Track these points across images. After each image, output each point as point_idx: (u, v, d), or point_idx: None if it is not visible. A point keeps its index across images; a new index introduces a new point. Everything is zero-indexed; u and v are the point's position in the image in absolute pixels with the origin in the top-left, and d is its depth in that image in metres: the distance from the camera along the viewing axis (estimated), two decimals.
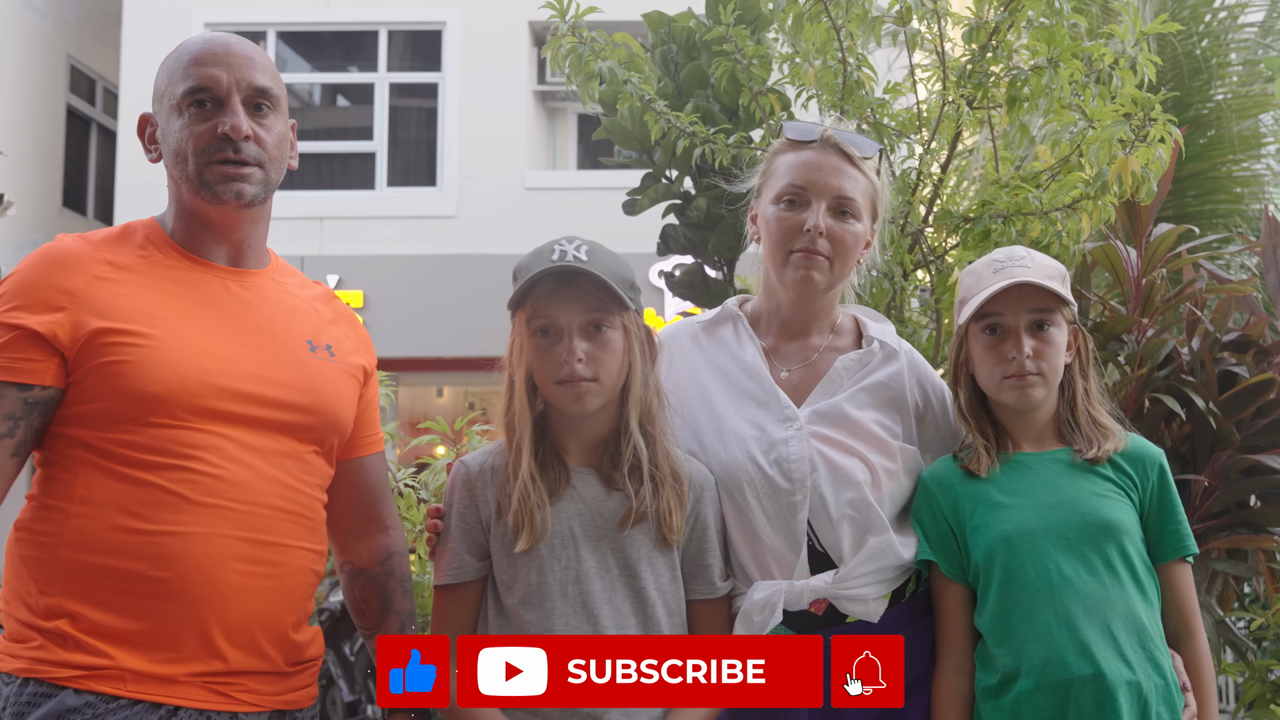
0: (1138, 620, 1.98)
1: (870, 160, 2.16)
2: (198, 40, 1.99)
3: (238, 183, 1.93)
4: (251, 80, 1.95)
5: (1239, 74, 6.73)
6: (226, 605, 1.84)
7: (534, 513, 1.93)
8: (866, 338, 2.21)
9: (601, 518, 1.96)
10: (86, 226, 12.59)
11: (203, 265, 1.97)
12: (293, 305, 2.05)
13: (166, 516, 1.81)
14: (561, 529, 1.95)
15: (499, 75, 11.66)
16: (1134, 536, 2.03)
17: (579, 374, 1.93)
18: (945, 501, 2.10)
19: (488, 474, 2.01)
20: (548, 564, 1.94)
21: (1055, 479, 2.06)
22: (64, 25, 12.65)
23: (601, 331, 1.95)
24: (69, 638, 1.78)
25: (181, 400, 1.83)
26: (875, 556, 2.04)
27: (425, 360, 10.61)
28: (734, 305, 2.27)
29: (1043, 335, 2.07)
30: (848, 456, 2.07)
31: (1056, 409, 2.13)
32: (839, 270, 2.14)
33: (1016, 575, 2.01)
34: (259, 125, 1.96)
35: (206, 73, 1.93)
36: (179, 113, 1.94)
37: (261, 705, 1.90)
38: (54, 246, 1.90)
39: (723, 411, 2.13)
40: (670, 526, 1.96)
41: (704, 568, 2.02)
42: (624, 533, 1.95)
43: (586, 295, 1.94)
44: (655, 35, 4.76)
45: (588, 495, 1.98)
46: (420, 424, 4.17)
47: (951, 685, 2.07)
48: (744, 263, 5.02)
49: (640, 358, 2.00)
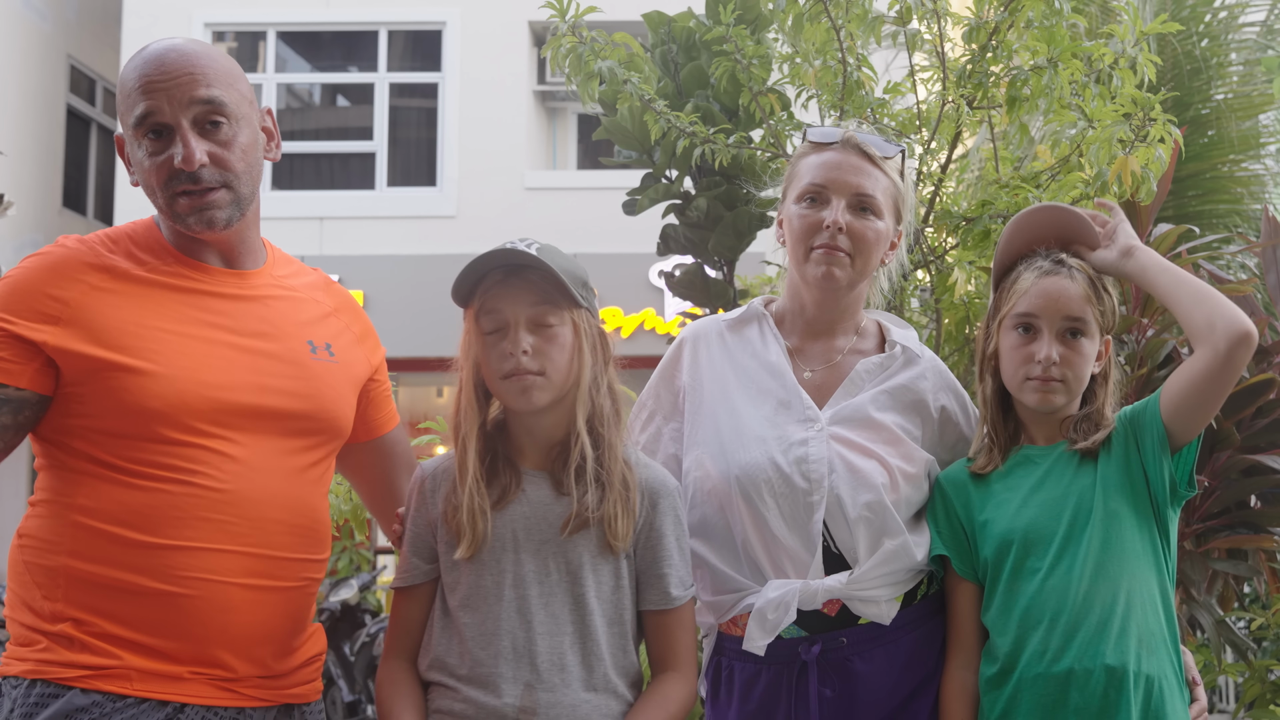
0: (1144, 606, 1.98)
1: (892, 161, 2.18)
2: (140, 60, 1.89)
3: (207, 211, 1.88)
4: (194, 96, 1.84)
5: (1239, 74, 6.72)
6: (231, 619, 1.84)
7: (476, 521, 1.90)
8: (889, 342, 2.23)
9: (546, 521, 1.92)
10: (86, 226, 12.59)
11: (200, 269, 1.95)
12: (293, 302, 2.04)
13: (170, 530, 1.81)
14: (504, 532, 1.91)
15: (499, 75, 11.67)
16: (1133, 519, 2.02)
17: (524, 366, 1.89)
18: (958, 500, 2.11)
19: (439, 477, 1.98)
20: (488, 567, 1.91)
21: (1059, 472, 2.07)
22: (64, 25, 12.65)
23: (549, 326, 1.91)
24: (74, 640, 1.78)
25: (183, 416, 1.82)
26: (890, 559, 2.05)
27: (425, 360, 10.54)
28: (759, 304, 2.29)
29: (1073, 343, 2.07)
30: (866, 459, 2.07)
31: (1075, 411, 2.13)
32: (860, 267, 2.14)
33: (1021, 568, 2.02)
34: (214, 143, 1.87)
35: (150, 102, 1.85)
36: (137, 143, 1.89)
37: (268, 700, 1.91)
38: (52, 251, 1.89)
39: (743, 411, 2.14)
40: (614, 533, 1.91)
41: (658, 577, 1.97)
42: (566, 538, 1.91)
43: (534, 287, 1.91)
44: (655, 35, 4.75)
45: (535, 499, 1.94)
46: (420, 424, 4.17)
47: (959, 681, 2.08)
48: (744, 263, 5.02)
49: (591, 356, 1.96)
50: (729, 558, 2.10)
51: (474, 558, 1.91)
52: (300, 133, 12.34)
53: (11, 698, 1.77)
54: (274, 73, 12.02)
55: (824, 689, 2.04)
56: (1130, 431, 2.05)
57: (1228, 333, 1.92)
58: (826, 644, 2.04)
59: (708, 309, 4.90)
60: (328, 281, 2.17)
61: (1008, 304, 2.10)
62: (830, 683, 2.04)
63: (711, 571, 2.11)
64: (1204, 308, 1.96)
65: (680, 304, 5.47)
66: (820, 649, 2.04)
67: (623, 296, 10.89)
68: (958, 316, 3.51)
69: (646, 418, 2.25)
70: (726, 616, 2.11)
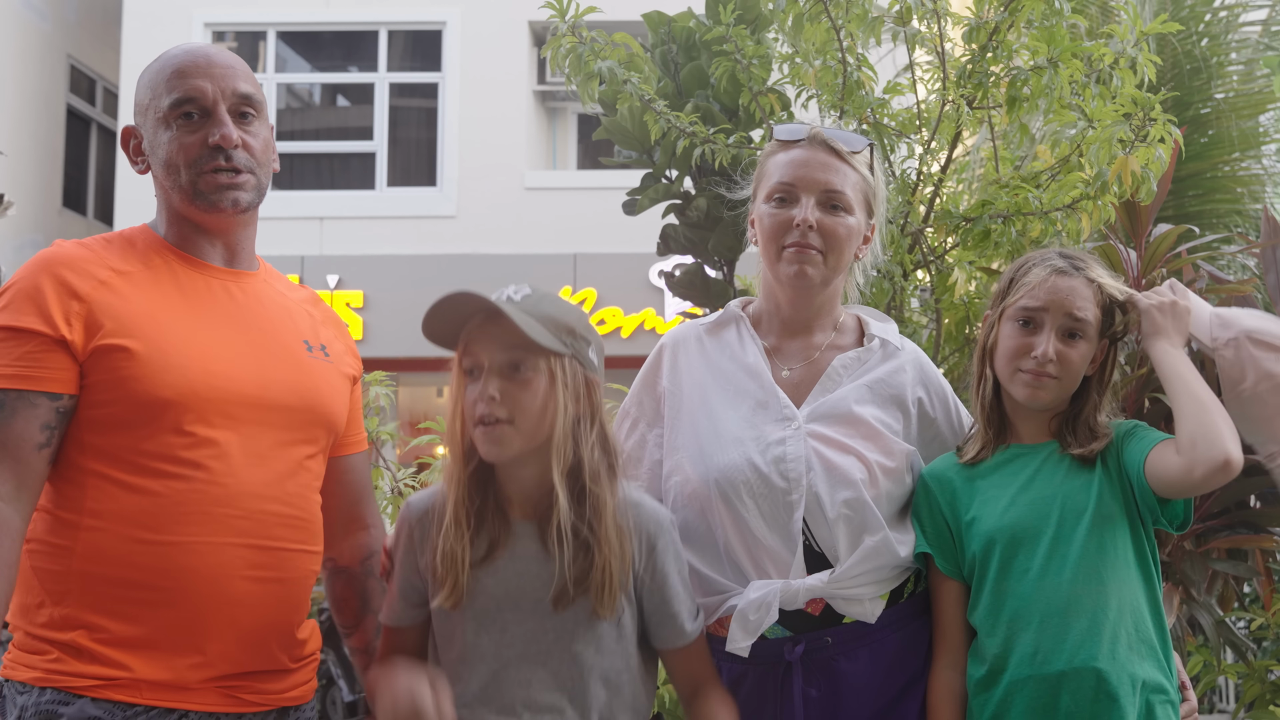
0: (1134, 612, 1.98)
1: (860, 155, 2.17)
2: (178, 53, 2.00)
3: (233, 191, 1.96)
4: (235, 88, 1.97)
5: (1239, 73, 6.72)
6: (236, 612, 1.88)
7: (458, 576, 1.85)
8: (868, 335, 2.22)
9: (539, 582, 1.87)
10: (87, 227, 12.60)
11: (201, 267, 1.99)
12: (286, 306, 2.08)
13: (175, 527, 1.83)
14: (498, 591, 1.88)
15: (499, 75, 11.67)
16: (1124, 526, 2.02)
17: (491, 413, 1.83)
18: (943, 497, 2.11)
19: (429, 522, 1.93)
20: (485, 626, 1.88)
21: (1048, 472, 2.07)
22: (64, 25, 12.65)
23: (520, 371, 1.84)
24: (83, 650, 1.81)
25: (191, 404, 1.85)
26: (871, 556, 2.04)
27: (425, 360, 10.52)
28: (736, 307, 2.28)
29: (1071, 343, 2.07)
30: (844, 455, 2.07)
31: (1063, 410, 2.13)
32: (833, 264, 2.14)
33: (1009, 567, 2.02)
34: (246, 132, 1.97)
35: (192, 84, 1.94)
36: (166, 125, 1.95)
37: (267, 704, 1.94)
38: (57, 252, 1.91)
39: (721, 414, 2.13)
40: (602, 604, 1.85)
41: (669, 617, 1.95)
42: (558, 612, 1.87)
43: (509, 334, 1.84)
44: (655, 35, 4.75)
45: (524, 555, 1.89)
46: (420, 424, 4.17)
47: (945, 681, 2.07)
48: (744, 263, 5.02)
49: (573, 406, 1.87)
50: (711, 560, 2.09)
51: (467, 613, 1.88)
52: (300, 133, 12.34)
53: (19, 704, 1.80)
54: (274, 73, 12.02)
55: (809, 689, 2.03)
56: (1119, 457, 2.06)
57: (1205, 457, 1.93)
58: (810, 644, 2.04)
59: (708, 309, 4.90)
60: (316, 298, 2.22)
61: (1014, 295, 2.11)
62: (815, 683, 2.03)
63: (695, 575, 2.10)
64: (1194, 423, 1.96)
65: (680, 304, 5.47)
66: (804, 649, 2.03)
67: (623, 296, 10.89)
68: (958, 316, 3.51)
69: (630, 425, 2.25)
70: (712, 618, 2.10)
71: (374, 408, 3.79)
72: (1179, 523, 2.03)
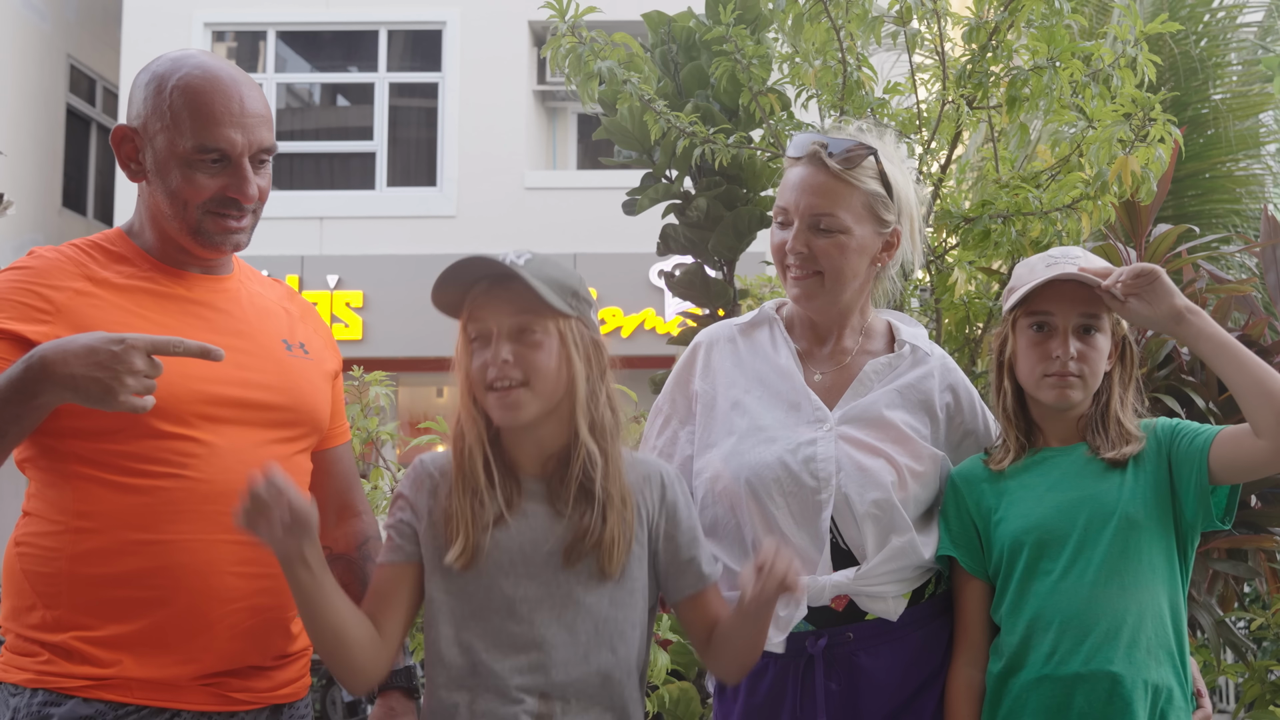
0: (1156, 618, 1.98)
1: (861, 168, 2.15)
2: (198, 77, 1.94)
3: (237, 235, 1.98)
4: (262, 142, 1.96)
5: (1238, 74, 6.73)
6: (227, 608, 1.88)
7: (470, 536, 1.85)
8: (898, 341, 2.24)
9: (549, 541, 1.88)
10: (86, 226, 12.59)
11: (178, 275, 2.00)
12: (264, 307, 2.09)
13: (165, 526, 1.84)
14: (511, 546, 1.88)
15: (499, 75, 11.67)
16: (1153, 531, 2.02)
17: (506, 374, 1.84)
18: (970, 498, 2.12)
19: (441, 480, 1.93)
20: (497, 582, 1.87)
21: (1077, 475, 2.07)
22: (64, 25, 12.66)
23: (533, 334, 1.86)
24: (74, 651, 1.82)
25: (172, 408, 1.84)
26: (897, 555, 2.06)
27: (425, 360, 10.57)
28: (771, 309, 2.30)
29: (1088, 339, 2.08)
30: (874, 458, 2.09)
31: (1088, 410, 2.13)
32: (833, 282, 2.14)
33: (1034, 570, 2.02)
34: (259, 178, 1.98)
35: (224, 135, 1.91)
36: (185, 163, 1.92)
37: (258, 702, 1.95)
38: (31, 262, 1.92)
39: (755, 413, 2.15)
40: (610, 560, 1.87)
41: (689, 561, 1.97)
42: (569, 568, 1.87)
43: (518, 296, 1.85)
44: (655, 35, 4.76)
45: (534, 514, 1.90)
46: (420, 424, 4.17)
47: (965, 678, 2.09)
48: (744, 263, 5.02)
49: (584, 365, 1.89)
50: (739, 556, 2.11)
51: (477, 571, 1.88)
52: (300, 133, 12.35)
53: (12, 706, 1.81)
54: (274, 73, 12.02)
55: (830, 683, 2.05)
56: (1166, 455, 2.05)
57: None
58: (833, 638, 2.06)
59: (707, 309, 4.91)
60: (292, 292, 2.23)
61: (1020, 304, 2.11)
62: (836, 677, 2.06)
63: (724, 570, 2.12)
64: (1266, 399, 1.93)
65: (680, 304, 5.48)
66: (826, 643, 2.06)
67: (623, 296, 10.89)
68: (958, 316, 3.52)
69: (662, 422, 2.27)
70: None
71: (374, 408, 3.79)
72: (1222, 512, 2.01)
